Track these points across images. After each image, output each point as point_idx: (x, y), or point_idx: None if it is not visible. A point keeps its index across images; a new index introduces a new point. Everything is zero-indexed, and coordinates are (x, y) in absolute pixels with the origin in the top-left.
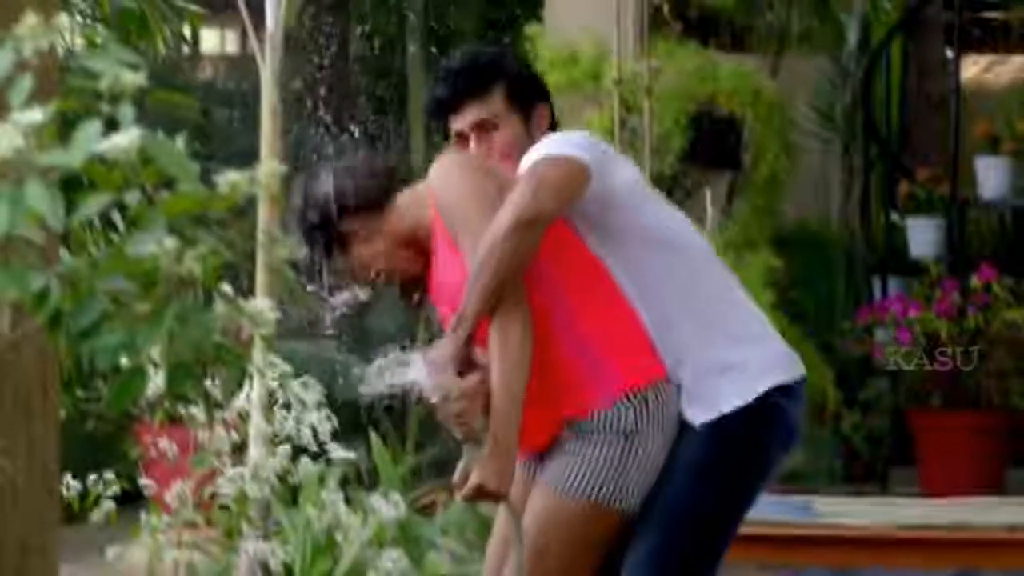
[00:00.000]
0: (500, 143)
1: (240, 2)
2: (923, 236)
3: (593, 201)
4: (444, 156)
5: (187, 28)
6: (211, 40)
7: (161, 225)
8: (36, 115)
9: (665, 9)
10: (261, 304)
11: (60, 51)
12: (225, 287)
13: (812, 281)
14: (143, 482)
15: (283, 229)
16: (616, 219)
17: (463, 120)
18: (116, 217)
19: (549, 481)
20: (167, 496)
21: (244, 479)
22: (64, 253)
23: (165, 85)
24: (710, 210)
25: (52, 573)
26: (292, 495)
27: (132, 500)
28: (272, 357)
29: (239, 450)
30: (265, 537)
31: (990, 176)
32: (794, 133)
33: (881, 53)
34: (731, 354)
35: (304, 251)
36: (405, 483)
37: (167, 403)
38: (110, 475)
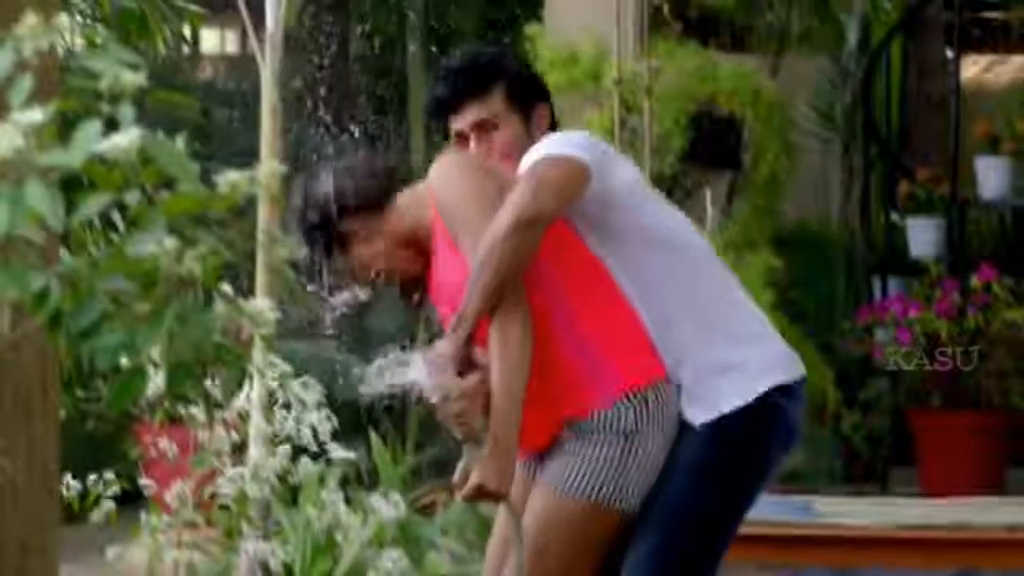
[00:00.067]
0: (500, 143)
1: (240, 2)
2: (923, 236)
3: (593, 201)
4: (444, 156)
5: (187, 28)
6: (211, 40)
7: (161, 225)
8: (36, 115)
9: (665, 9)
10: (261, 304)
11: (60, 51)
12: (225, 287)
13: (812, 281)
14: (143, 482)
15: (283, 229)
16: (616, 219)
17: (463, 120)
18: (116, 217)
19: (549, 481)
20: (167, 496)
21: (244, 479)
22: (64, 253)
23: (165, 85)
24: (710, 210)
25: (52, 573)
26: (292, 495)
27: (132, 500)
28: (272, 357)
29: (239, 450)
30: (265, 537)
31: (990, 176)
32: (794, 133)
33: (881, 53)
34: (731, 354)
35: (304, 251)
36: (405, 483)
37: (167, 403)
38: (110, 475)
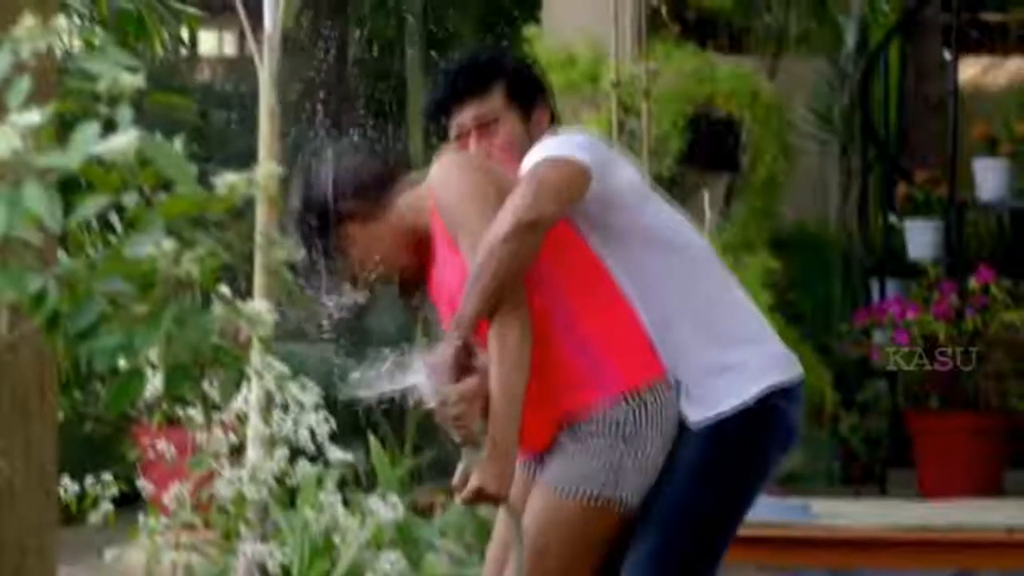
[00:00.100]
0: (500, 142)
1: (238, 4)
2: (921, 238)
3: (594, 201)
4: (444, 156)
5: (185, 30)
6: (209, 42)
7: (159, 227)
8: (34, 117)
9: (663, 11)
10: (259, 306)
11: (58, 53)
12: (223, 289)
13: (810, 283)
14: (141, 484)
15: (281, 231)
16: (617, 219)
17: (463, 119)
18: (114, 219)
19: (549, 481)
20: (165, 498)
21: (242, 481)
22: (62, 255)
23: (163, 87)
24: (708, 212)
25: (50, 575)
26: (290, 497)
27: (130, 502)
28: (270, 359)
29: (237, 452)
30: (263, 539)
31: (988, 178)
32: (792, 135)
33: (879, 55)
34: (730, 355)
35: (302, 252)
36: (403, 485)
37: (165, 405)
38: (108, 477)
